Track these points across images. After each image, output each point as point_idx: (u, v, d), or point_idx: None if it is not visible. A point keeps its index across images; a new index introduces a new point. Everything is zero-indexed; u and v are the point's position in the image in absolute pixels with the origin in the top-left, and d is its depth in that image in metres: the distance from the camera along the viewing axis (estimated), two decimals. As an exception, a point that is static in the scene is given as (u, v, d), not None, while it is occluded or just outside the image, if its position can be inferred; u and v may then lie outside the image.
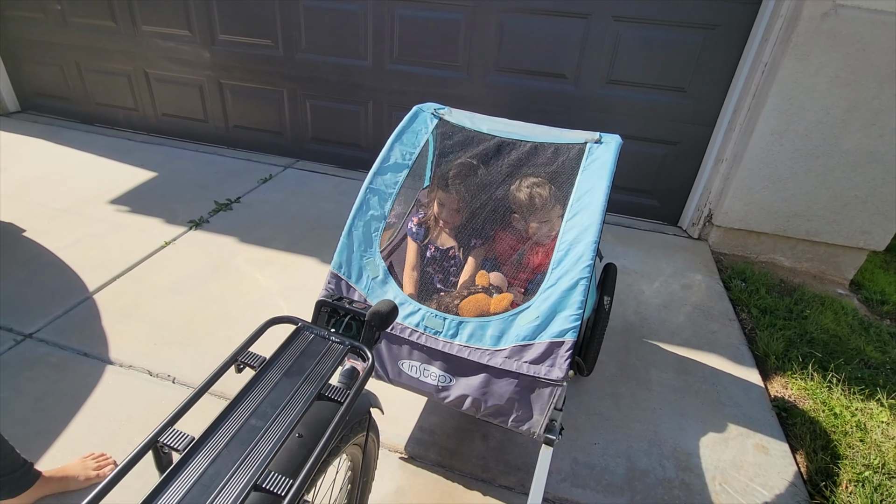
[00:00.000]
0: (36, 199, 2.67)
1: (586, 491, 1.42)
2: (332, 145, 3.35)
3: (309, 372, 0.68)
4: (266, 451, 0.58)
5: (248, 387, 0.65)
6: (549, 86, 2.79)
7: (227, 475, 0.55)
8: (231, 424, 0.60)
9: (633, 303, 2.25)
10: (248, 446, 0.58)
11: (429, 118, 1.56)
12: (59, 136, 3.48)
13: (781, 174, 2.49)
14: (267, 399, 0.64)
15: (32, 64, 3.66)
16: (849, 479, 1.47)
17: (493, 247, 1.62)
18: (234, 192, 2.92)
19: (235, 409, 0.62)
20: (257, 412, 0.62)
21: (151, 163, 3.21)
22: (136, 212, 2.64)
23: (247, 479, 0.55)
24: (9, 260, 2.19)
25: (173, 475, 0.54)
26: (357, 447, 0.93)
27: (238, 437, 0.59)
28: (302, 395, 0.65)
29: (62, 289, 2.04)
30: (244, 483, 0.54)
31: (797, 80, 2.28)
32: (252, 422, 0.61)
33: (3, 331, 1.81)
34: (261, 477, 0.55)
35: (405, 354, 1.27)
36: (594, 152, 1.42)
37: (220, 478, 0.54)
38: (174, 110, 3.54)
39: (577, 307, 1.17)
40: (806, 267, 2.72)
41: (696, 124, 2.69)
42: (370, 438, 0.97)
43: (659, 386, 1.80)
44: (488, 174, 1.53)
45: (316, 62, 3.09)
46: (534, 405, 1.19)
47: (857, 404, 1.76)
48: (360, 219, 1.38)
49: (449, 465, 1.47)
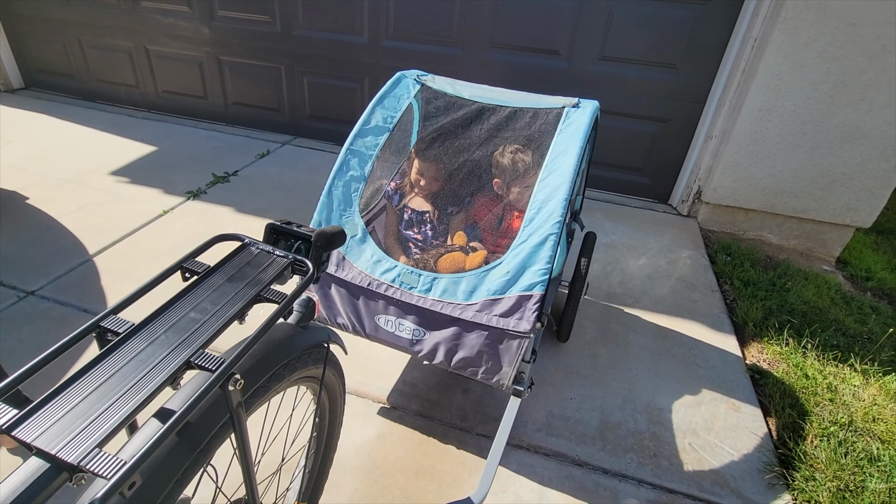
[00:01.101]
0: (39, 170, 2.74)
1: (559, 440, 1.49)
2: (329, 122, 3.39)
3: (251, 279, 0.72)
4: (202, 339, 0.61)
5: (190, 286, 0.69)
6: (542, 62, 2.81)
7: (163, 354, 0.59)
8: (171, 316, 0.64)
9: (619, 274, 2.30)
10: (186, 333, 0.62)
11: (411, 83, 1.60)
12: (61, 112, 3.54)
13: (769, 150, 2.52)
14: (208, 298, 0.68)
15: (36, 41, 3.71)
16: (815, 434, 1.53)
17: (473, 213, 1.66)
18: (232, 166, 2.98)
19: (176, 304, 0.66)
20: (197, 307, 0.66)
21: (152, 138, 3.27)
22: (135, 183, 2.71)
23: (181, 357, 0.58)
24: (13, 225, 2.26)
25: (110, 352, 0.58)
26: (314, 381, 0.96)
27: (177, 326, 0.63)
28: (242, 296, 0.68)
29: (63, 251, 2.11)
30: (179, 361, 0.58)
31: (786, 55, 2.30)
32: (192, 315, 0.65)
33: (6, 288, 1.88)
34: (194, 356, 0.59)
35: (381, 309, 1.32)
36: (571, 116, 1.45)
37: (157, 356, 0.58)
38: (174, 87, 3.59)
39: (546, 262, 1.21)
40: (793, 244, 2.76)
41: (686, 101, 2.71)
42: (329, 374, 0.99)
43: (637, 349, 1.86)
44: (467, 139, 1.56)
45: (313, 38, 3.13)
46: (502, 357, 1.23)
47: (831, 369, 1.81)
48: (339, 179, 1.41)
49: (429, 414, 1.54)
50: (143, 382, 0.55)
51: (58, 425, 0.50)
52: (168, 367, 0.57)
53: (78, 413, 0.52)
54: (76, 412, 0.52)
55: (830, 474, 1.39)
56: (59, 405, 0.52)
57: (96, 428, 0.50)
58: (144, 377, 0.56)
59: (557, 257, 1.35)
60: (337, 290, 1.36)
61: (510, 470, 1.39)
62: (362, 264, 1.32)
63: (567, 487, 1.36)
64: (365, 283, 1.30)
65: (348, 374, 1.62)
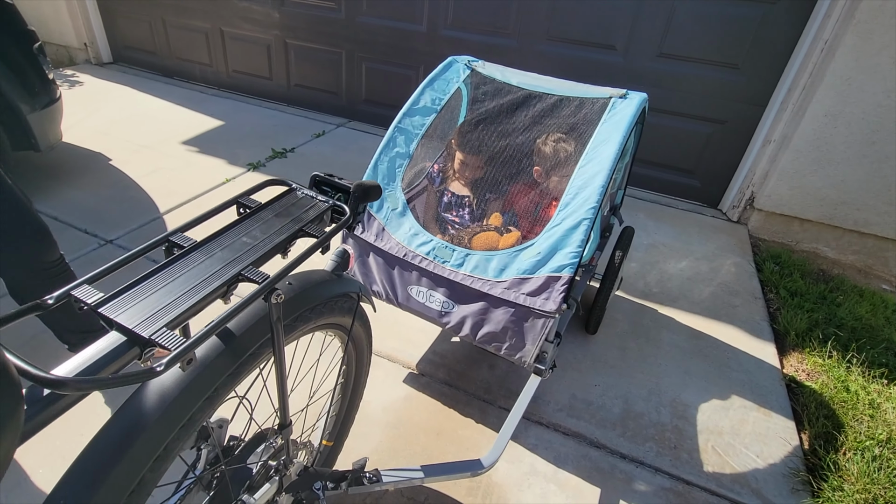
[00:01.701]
0: (121, 136, 3.01)
1: (580, 422, 1.52)
2: (383, 107, 3.51)
3: (295, 217, 0.81)
4: (252, 258, 0.71)
5: (244, 217, 0.79)
6: (597, 56, 2.80)
7: (219, 266, 0.68)
8: (226, 238, 0.74)
9: (657, 273, 2.27)
10: (239, 253, 0.71)
11: (462, 68, 1.65)
12: (142, 86, 3.86)
13: (833, 159, 2.41)
14: (258, 228, 0.77)
15: (126, 19, 4.06)
16: (849, 446, 1.48)
17: (511, 199, 1.67)
18: (290, 143, 3.15)
19: (231, 230, 0.76)
20: (248, 234, 0.75)
21: (220, 113, 3.51)
22: (203, 152, 2.93)
23: (234, 270, 0.68)
24: (97, 181, 2.51)
25: (177, 260, 0.67)
26: (342, 330, 1.03)
27: (231, 246, 0.72)
28: (286, 229, 0.78)
29: (138, 208, 2.33)
30: (232, 272, 0.67)
31: (858, 59, 2.19)
32: (244, 239, 0.74)
33: (89, 235, 2.11)
34: (245, 270, 0.68)
35: (414, 280, 1.37)
36: (617, 107, 1.45)
37: (214, 268, 0.68)
38: (243, 67, 3.82)
39: (578, 245, 1.22)
40: (851, 259, 2.62)
41: (746, 103, 2.63)
42: (357, 326, 1.05)
43: (668, 346, 1.85)
44: (512, 124, 1.59)
45: (375, 25, 3.25)
46: (526, 335, 1.27)
47: (876, 386, 1.74)
48: (385, 154, 1.47)
49: (455, 384, 1.61)
50: (202, 285, 0.65)
51: (133, 309, 0.59)
52: (223, 276, 0.66)
53: (150, 302, 0.61)
54: (148, 301, 0.61)
55: (860, 486, 1.35)
56: (134, 295, 0.61)
57: (165, 314, 0.59)
58: (204, 281, 0.65)
59: (590, 243, 1.38)
60: (375, 258, 1.44)
61: (528, 443, 1.44)
62: (400, 236, 1.39)
63: (582, 466, 1.39)
64: (401, 254, 1.37)
65: (382, 340, 1.72)
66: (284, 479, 0.94)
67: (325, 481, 1.06)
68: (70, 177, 2.53)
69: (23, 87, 2.11)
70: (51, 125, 2.30)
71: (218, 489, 0.86)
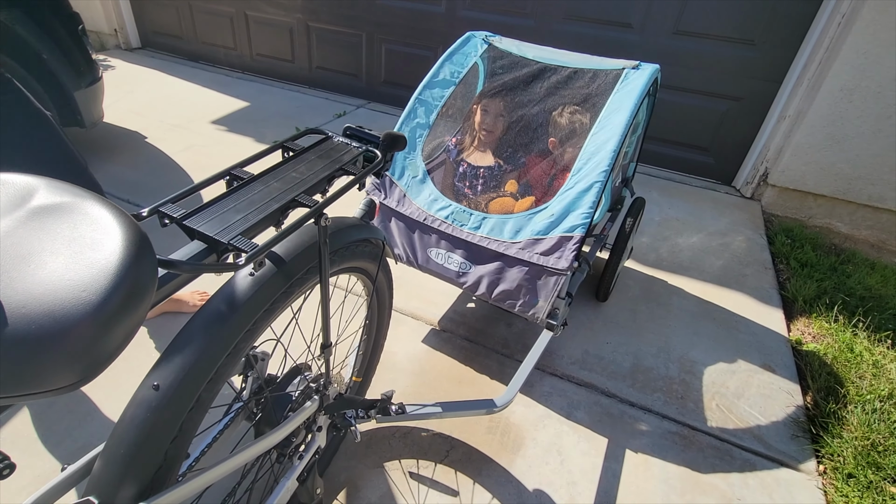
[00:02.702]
0: (155, 116, 3.16)
1: (592, 374, 1.62)
2: (402, 88, 3.60)
3: (334, 158, 0.92)
4: (303, 188, 0.81)
5: (291, 157, 0.89)
6: (614, 34, 2.85)
7: (276, 194, 0.79)
8: (279, 173, 0.84)
9: (670, 244, 2.35)
10: (291, 184, 0.82)
11: (479, 43, 1.71)
12: (171, 69, 4.01)
13: (847, 133, 2.43)
14: (304, 166, 0.88)
15: (153, 5, 4.20)
16: (850, 399, 1.56)
17: (526, 170, 1.73)
18: (313, 123, 3.27)
19: (282, 167, 0.86)
20: (297, 170, 0.86)
21: (245, 95, 3.64)
22: (231, 131, 3.06)
23: (289, 196, 0.78)
24: (135, 158, 2.67)
25: (240, 188, 0.78)
26: (367, 277, 1.14)
27: (284, 179, 0.83)
28: (328, 167, 0.88)
29: (175, 181, 2.48)
30: (288, 198, 0.78)
31: (875, 33, 2.21)
32: (293, 174, 0.85)
33: (133, 205, 2.26)
34: (298, 196, 0.78)
35: (433, 243, 1.46)
36: (629, 77, 1.50)
37: (272, 194, 0.78)
38: (266, 51, 3.94)
39: (589, 206, 1.29)
40: (864, 234, 2.65)
41: (762, 80, 2.65)
42: (380, 277, 1.16)
43: (678, 310, 1.93)
44: (528, 95, 1.66)
45: (394, 7, 3.33)
46: (540, 292, 1.34)
47: (881, 349, 1.80)
48: (406, 125, 1.55)
49: (475, 339, 1.72)
50: (264, 207, 0.75)
51: (211, 222, 0.69)
52: (281, 200, 0.77)
53: (223, 218, 0.71)
54: (222, 217, 0.71)
55: (859, 433, 1.43)
56: (209, 212, 0.72)
57: (237, 226, 0.70)
58: (265, 204, 0.76)
59: (601, 206, 1.45)
60: (396, 223, 1.52)
61: (543, 391, 1.55)
62: (421, 202, 1.48)
63: (594, 411, 1.49)
64: (421, 219, 1.45)
65: (406, 300, 1.84)
66: (324, 399, 1.06)
67: (356, 409, 1.18)
68: (111, 153, 2.69)
69: (70, 66, 2.26)
70: (94, 103, 2.45)
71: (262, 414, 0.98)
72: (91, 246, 0.50)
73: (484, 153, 1.75)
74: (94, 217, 0.52)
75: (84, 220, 0.52)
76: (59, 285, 0.46)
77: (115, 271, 0.49)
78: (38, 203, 0.52)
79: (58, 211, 0.52)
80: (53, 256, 0.48)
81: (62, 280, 0.47)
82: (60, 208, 0.52)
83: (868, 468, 1.35)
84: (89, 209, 0.53)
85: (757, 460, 1.39)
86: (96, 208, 0.53)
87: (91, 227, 0.51)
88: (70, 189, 0.55)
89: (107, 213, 0.53)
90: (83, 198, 0.54)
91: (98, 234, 0.51)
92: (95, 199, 0.54)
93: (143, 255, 0.52)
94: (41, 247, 0.49)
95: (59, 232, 0.50)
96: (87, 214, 0.52)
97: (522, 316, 1.42)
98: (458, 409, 1.27)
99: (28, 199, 0.52)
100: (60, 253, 0.49)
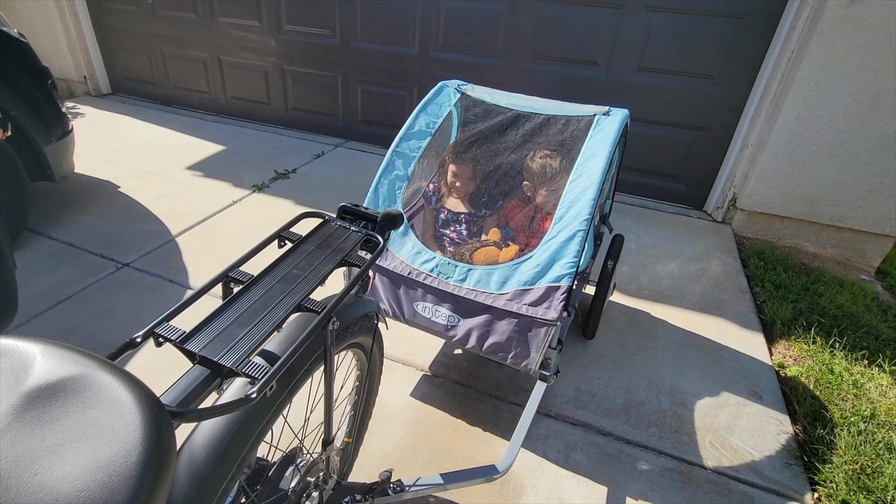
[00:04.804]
0: (127, 163, 3.11)
1: (586, 412, 1.62)
2: (380, 127, 3.65)
3: (335, 247, 0.87)
4: (306, 289, 0.77)
5: (290, 251, 0.85)
6: (581, 72, 2.97)
7: (279, 298, 0.72)
8: (279, 271, 0.80)
9: (650, 272, 2.40)
10: (293, 284, 0.77)
11: (452, 92, 1.73)
12: (143, 115, 3.97)
13: (806, 159, 2.57)
14: (304, 260, 0.83)
15: (124, 51, 4.18)
16: (836, 422, 1.59)
17: (506, 214, 1.74)
18: (292, 165, 3.27)
19: (281, 263, 0.82)
20: (297, 266, 0.81)
21: (221, 138, 3.63)
22: (208, 176, 3.03)
23: (294, 301, 0.74)
24: (108, 208, 2.60)
25: (241, 294, 0.72)
26: (362, 351, 1.10)
27: (285, 279, 0.78)
28: (330, 259, 0.84)
29: (150, 232, 2.42)
30: (290, 304, 0.72)
31: (823, 66, 2.37)
32: (294, 271, 0.80)
33: (106, 259, 2.20)
34: (304, 301, 0.73)
35: (420, 297, 1.42)
36: (601, 123, 1.54)
37: (275, 299, 0.73)
38: (241, 94, 3.96)
39: (574, 255, 1.29)
40: (830, 253, 2.77)
41: (723, 110, 2.80)
42: (374, 347, 1.12)
43: (664, 339, 1.96)
44: (503, 143, 1.67)
45: (369, 50, 3.40)
46: (531, 343, 1.32)
47: (858, 368, 1.86)
48: (385, 178, 1.53)
49: (467, 383, 1.70)
50: (269, 316, 0.70)
51: (213, 343, 0.64)
52: (285, 306, 0.72)
53: (226, 335, 0.65)
54: (224, 334, 0.65)
55: (848, 458, 1.46)
56: (210, 329, 0.66)
57: (242, 345, 0.65)
58: (269, 312, 0.71)
59: (585, 253, 1.47)
60: (380, 278, 1.48)
61: (539, 433, 1.53)
62: (404, 255, 1.43)
63: (591, 451, 1.49)
64: (406, 273, 1.41)
65: (396, 345, 1.82)
66: (324, 494, 1.00)
67: (354, 494, 1.14)
68: (83, 205, 2.62)
69: (39, 121, 2.21)
70: (65, 156, 2.39)
71: None
72: (104, 438, 0.44)
73: (463, 199, 1.77)
74: (101, 396, 0.47)
75: (90, 402, 0.46)
76: (73, 500, 0.39)
77: (136, 474, 0.42)
78: (36, 382, 0.47)
79: (59, 392, 0.47)
80: (61, 459, 0.42)
81: (75, 494, 0.40)
82: (62, 388, 0.47)
83: (860, 493, 1.37)
84: (94, 384, 0.48)
85: (754, 492, 1.40)
86: (101, 383, 0.48)
87: (100, 410, 0.46)
88: (69, 357, 0.49)
89: (114, 388, 0.48)
90: (85, 369, 0.48)
91: (109, 417, 0.45)
92: (99, 367, 0.49)
93: (161, 430, 0.46)
94: (44, 445, 0.42)
95: (64, 422, 0.44)
96: (92, 392, 0.47)
97: (514, 368, 1.41)
98: (459, 479, 1.23)
99: (24, 375, 0.47)
100: (68, 451, 0.42)
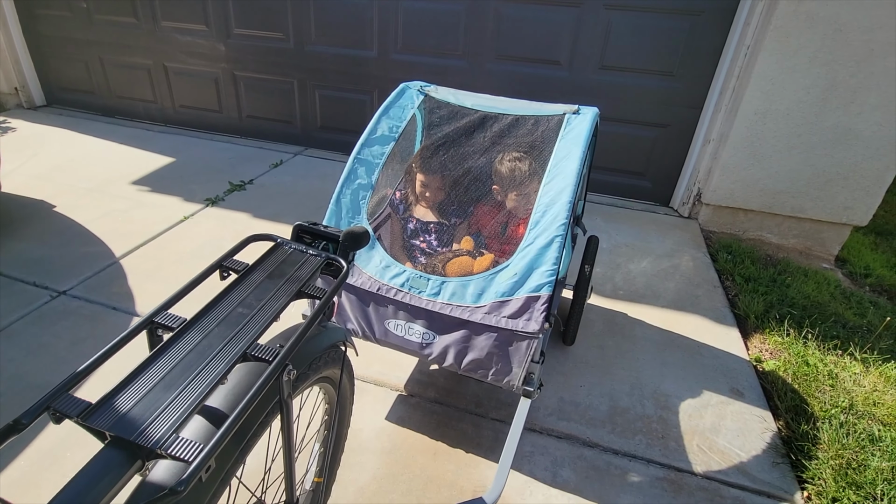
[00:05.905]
0: (64, 181, 2.85)
1: (571, 423, 1.55)
2: (340, 133, 3.52)
3: (289, 276, 0.74)
4: (253, 331, 0.62)
5: (234, 284, 0.70)
6: (544, 72, 2.94)
7: (219, 346, 0.59)
8: (220, 311, 0.65)
9: (623, 272, 2.37)
10: (237, 327, 0.62)
11: (415, 94, 1.63)
12: (82, 127, 3.69)
13: (766, 153, 2.61)
14: (252, 294, 0.69)
15: (58, 60, 3.88)
16: (817, 416, 1.59)
17: (477, 221, 1.66)
18: (248, 175, 3.09)
19: (223, 300, 0.67)
20: (243, 303, 0.67)
21: (169, 150, 3.40)
22: (156, 191, 2.82)
23: (237, 349, 0.59)
24: (42, 231, 2.37)
25: (170, 345, 0.58)
26: (331, 385, 0.97)
27: (227, 320, 0.64)
28: (284, 292, 0.70)
29: (91, 254, 2.21)
30: (234, 354, 0.58)
31: (778, 61, 2.41)
32: (239, 309, 0.66)
33: (39, 288, 1.98)
34: (250, 348, 0.60)
35: (391, 314, 1.32)
36: (572, 122, 1.48)
37: (213, 348, 0.59)
38: (191, 102, 3.73)
39: (553, 263, 1.21)
40: (792, 243, 2.83)
41: (684, 107, 2.82)
42: (344, 380, 1.00)
43: (643, 340, 1.93)
44: (471, 147, 1.58)
45: (325, 54, 3.27)
46: (512, 358, 1.24)
47: (831, 358, 1.87)
48: (347, 187, 1.42)
49: (445, 401, 1.61)
50: (205, 372, 0.56)
51: (130, 414, 0.50)
52: (226, 357, 0.59)
53: (148, 402, 0.52)
54: (146, 401, 0.52)
55: (833, 453, 1.45)
56: (127, 396, 0.52)
57: (169, 415, 0.51)
58: (206, 367, 0.57)
59: (563, 259, 1.40)
60: (347, 296, 1.37)
61: (524, 451, 1.45)
62: (371, 270, 1.33)
63: (579, 466, 1.42)
64: (374, 289, 1.31)
65: (367, 365, 1.70)
66: None
67: None
68: (12, 228, 2.37)
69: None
70: (-13, 175, 2.16)
71: None
72: None
73: (432, 208, 1.68)
74: None
75: None
76: None
77: None
78: None
79: None
80: None
81: None
82: None
83: (849, 489, 1.36)
84: None
85: (745, 496, 1.37)
86: None
87: None
88: None
89: None
90: None
91: None
92: None
93: None
94: None
95: None
96: None
97: (496, 385, 1.32)
98: None
99: None
100: None
